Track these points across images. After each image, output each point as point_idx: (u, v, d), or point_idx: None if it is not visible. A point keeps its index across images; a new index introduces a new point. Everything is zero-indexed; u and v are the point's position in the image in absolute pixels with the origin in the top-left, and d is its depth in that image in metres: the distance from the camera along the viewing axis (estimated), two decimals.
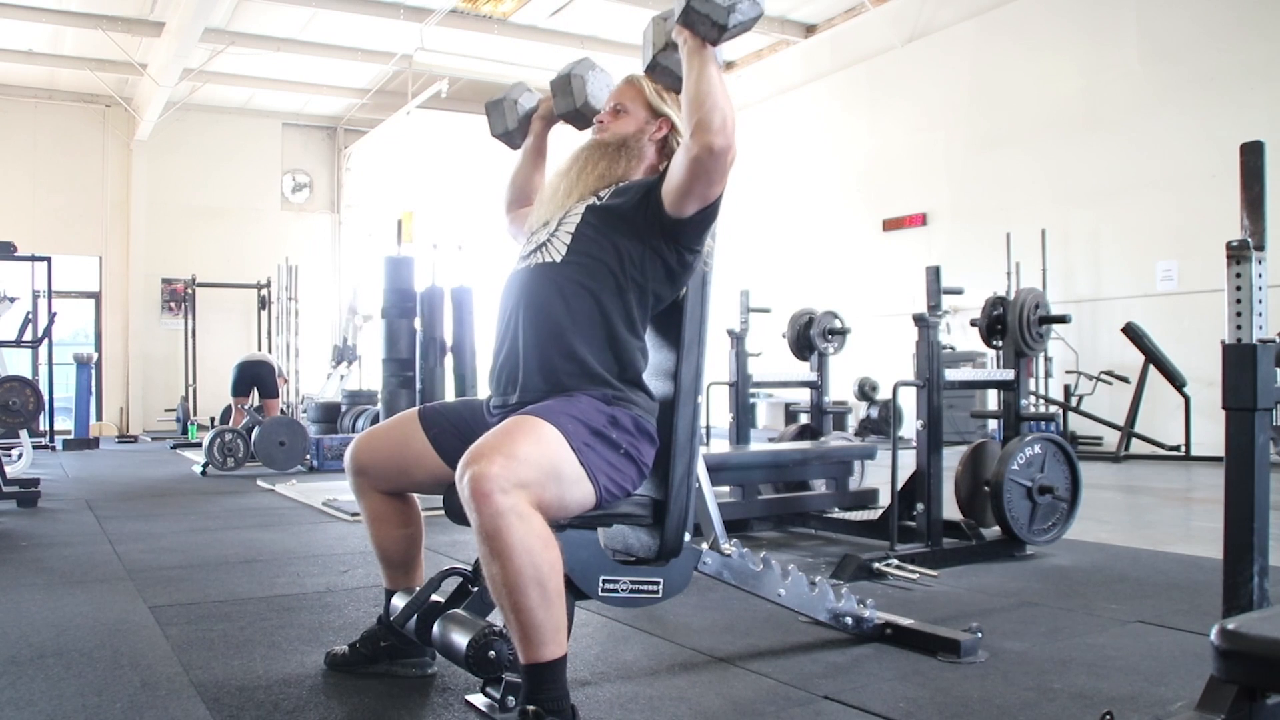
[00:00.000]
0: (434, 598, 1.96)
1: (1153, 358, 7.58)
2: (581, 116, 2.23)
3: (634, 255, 1.92)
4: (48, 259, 9.55)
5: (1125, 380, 7.83)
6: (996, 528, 3.54)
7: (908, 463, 3.51)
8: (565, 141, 2.28)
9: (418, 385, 5.41)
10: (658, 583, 1.96)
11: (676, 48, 1.90)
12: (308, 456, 7.19)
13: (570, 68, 2.25)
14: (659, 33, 1.97)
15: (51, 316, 9.10)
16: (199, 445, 8.31)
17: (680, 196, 1.86)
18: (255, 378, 8.31)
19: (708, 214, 1.91)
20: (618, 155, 2.06)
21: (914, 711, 1.90)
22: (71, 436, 9.96)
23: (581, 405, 1.82)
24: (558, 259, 1.94)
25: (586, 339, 1.89)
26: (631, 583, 1.92)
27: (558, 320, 1.90)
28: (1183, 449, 7.46)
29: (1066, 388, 8.26)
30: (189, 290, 12.41)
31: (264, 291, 12.27)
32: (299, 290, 9.91)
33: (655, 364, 2.06)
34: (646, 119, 2.09)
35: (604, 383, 1.88)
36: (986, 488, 3.61)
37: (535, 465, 1.66)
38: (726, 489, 4.06)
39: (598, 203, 1.99)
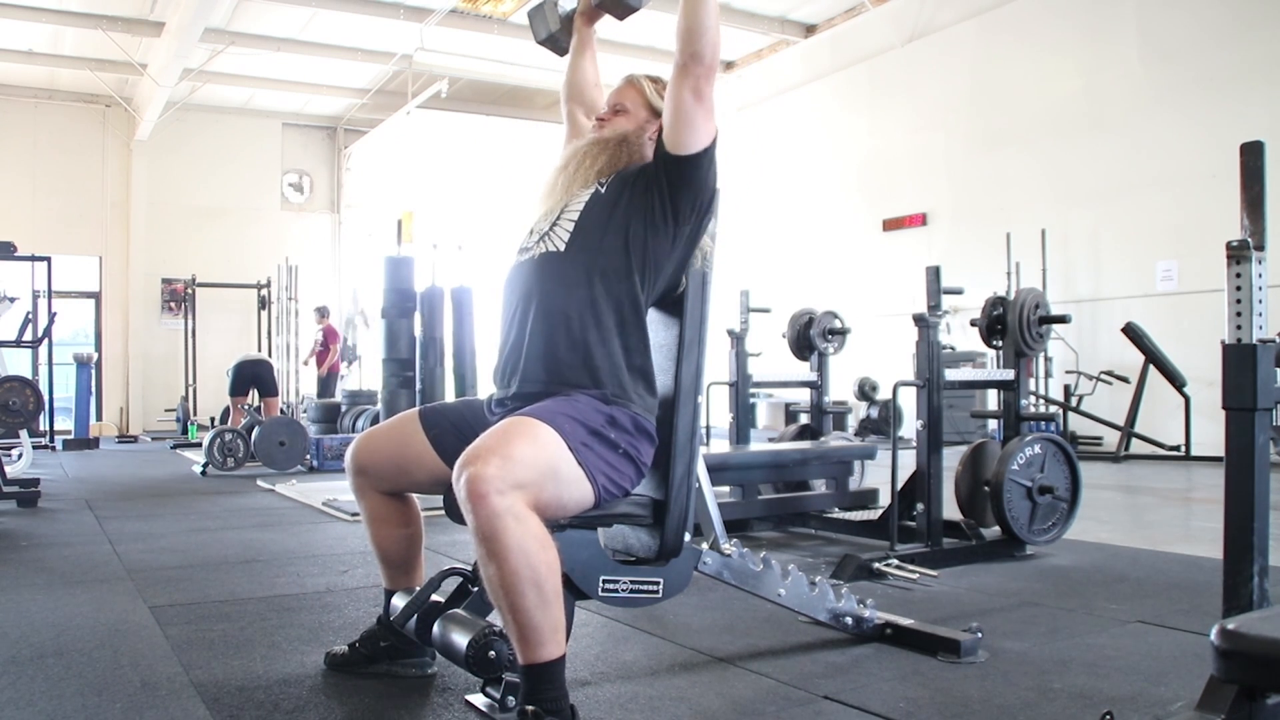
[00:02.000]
0: (434, 598, 1.96)
1: (1153, 358, 7.58)
2: (618, 4, 2.23)
3: (639, 233, 1.93)
4: (48, 259, 9.54)
5: (1125, 380, 7.83)
6: (996, 528, 3.54)
7: (908, 463, 3.51)
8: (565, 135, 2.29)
9: (418, 385, 5.41)
10: (658, 583, 1.96)
11: None
12: (308, 456, 7.19)
13: None
14: None
15: (51, 316, 9.10)
16: (199, 445, 8.31)
17: (679, 122, 1.90)
18: (254, 377, 8.31)
19: (707, 156, 1.93)
20: (618, 151, 2.07)
21: (914, 711, 1.90)
22: (71, 436, 9.96)
23: (579, 405, 1.82)
24: (561, 248, 1.95)
25: (593, 327, 1.89)
26: (631, 583, 1.92)
27: (564, 310, 1.90)
28: (1183, 449, 7.46)
29: (1066, 388, 8.26)
30: (189, 290, 12.40)
31: (264, 291, 12.26)
32: (299, 290, 9.89)
33: (655, 365, 2.05)
34: (646, 118, 2.09)
35: (604, 377, 1.88)
36: (986, 488, 3.61)
37: (532, 466, 1.66)
38: (726, 489, 4.06)
39: (601, 188, 2.00)
